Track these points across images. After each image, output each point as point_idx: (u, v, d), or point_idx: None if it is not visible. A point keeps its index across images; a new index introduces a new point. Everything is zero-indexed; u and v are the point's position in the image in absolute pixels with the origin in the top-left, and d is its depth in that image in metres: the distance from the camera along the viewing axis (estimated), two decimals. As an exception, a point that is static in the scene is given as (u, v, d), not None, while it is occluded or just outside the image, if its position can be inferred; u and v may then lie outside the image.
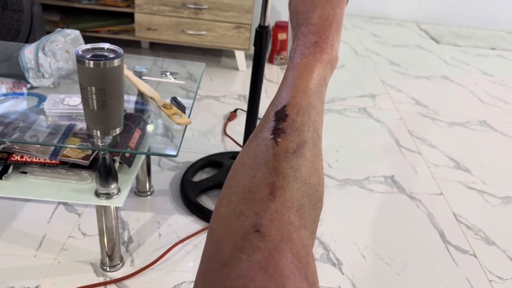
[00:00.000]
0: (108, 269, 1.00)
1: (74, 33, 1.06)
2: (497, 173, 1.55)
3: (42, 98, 0.97)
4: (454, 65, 2.58)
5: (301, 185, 0.34)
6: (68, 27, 1.94)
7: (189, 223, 1.16)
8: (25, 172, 0.91)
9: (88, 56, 0.71)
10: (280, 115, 0.37)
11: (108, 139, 0.82)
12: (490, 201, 1.40)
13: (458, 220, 1.29)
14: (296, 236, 0.31)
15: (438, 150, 1.65)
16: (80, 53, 0.71)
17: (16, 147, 0.90)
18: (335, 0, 0.45)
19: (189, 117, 0.95)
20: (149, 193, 1.25)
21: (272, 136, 0.36)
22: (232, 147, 1.52)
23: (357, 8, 3.32)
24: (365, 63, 2.47)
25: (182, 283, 0.99)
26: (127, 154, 0.95)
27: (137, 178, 1.22)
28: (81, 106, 0.86)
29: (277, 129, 0.36)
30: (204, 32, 2.02)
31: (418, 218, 1.29)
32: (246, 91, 1.84)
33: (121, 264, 1.01)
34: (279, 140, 0.35)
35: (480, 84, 2.34)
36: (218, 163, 1.39)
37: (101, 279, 0.98)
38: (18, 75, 1.01)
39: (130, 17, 2.06)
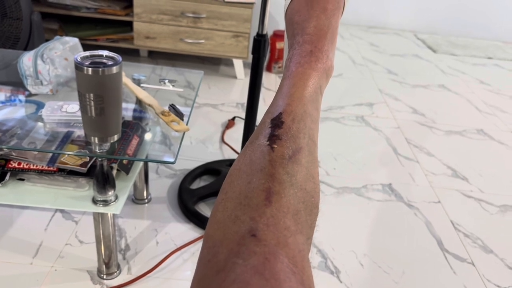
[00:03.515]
0: (105, 277, 0.99)
1: (73, 41, 1.07)
2: (494, 181, 1.56)
3: (40, 105, 0.97)
4: (451, 74, 2.60)
5: (297, 191, 0.34)
6: (67, 35, 1.95)
7: (186, 231, 1.16)
8: (23, 179, 0.91)
9: (87, 63, 0.71)
10: (276, 122, 0.37)
11: (106, 146, 0.82)
12: (487, 210, 1.40)
13: (456, 228, 1.29)
14: (292, 241, 0.31)
15: (435, 158, 1.66)
16: (78, 60, 0.72)
17: (13, 154, 0.90)
18: (330, 10, 0.45)
19: (187, 125, 0.95)
20: (146, 200, 1.25)
21: (268, 143, 0.36)
22: (230, 155, 1.52)
23: (355, 17, 3.34)
24: (362, 72, 2.48)
25: (179, 291, 0.99)
26: (124, 161, 0.95)
27: (135, 185, 1.22)
28: (79, 113, 0.86)
29: (273, 136, 0.36)
30: (202, 41, 2.03)
31: (416, 226, 1.29)
32: (244, 99, 1.85)
33: (118, 272, 1.01)
34: (275, 146, 0.36)
35: (477, 93, 2.35)
36: (216, 171, 1.39)
37: (98, 287, 0.97)
38: (16, 83, 1.02)
39: (129, 25, 2.07)
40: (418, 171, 1.56)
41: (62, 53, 1.02)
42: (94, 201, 0.88)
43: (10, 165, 0.90)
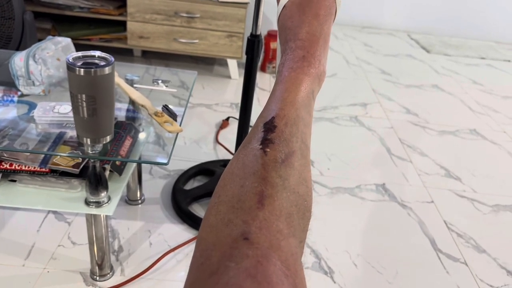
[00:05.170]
0: (98, 278, 0.98)
1: (66, 41, 1.06)
2: (487, 181, 1.57)
3: (32, 106, 0.97)
4: (444, 74, 2.61)
5: (290, 194, 0.34)
6: (60, 35, 1.94)
7: (180, 232, 1.16)
8: (14, 181, 0.91)
9: (79, 64, 0.71)
10: (269, 126, 0.38)
11: (99, 147, 0.82)
12: (480, 209, 1.41)
13: (449, 228, 1.30)
14: (285, 244, 0.31)
15: (429, 158, 1.67)
16: (70, 60, 0.71)
17: (5, 155, 0.89)
18: (322, 16, 0.46)
19: (180, 125, 0.95)
20: (140, 201, 1.24)
21: (261, 146, 0.36)
22: (224, 155, 1.52)
23: (348, 17, 3.35)
24: (356, 72, 2.48)
25: (172, 292, 0.99)
26: (117, 162, 0.95)
27: (128, 186, 1.22)
28: (71, 114, 0.86)
29: (266, 140, 0.36)
30: (196, 41, 2.03)
31: (409, 226, 1.29)
32: (238, 99, 1.85)
33: (111, 273, 1.00)
34: (268, 150, 0.36)
35: (470, 93, 2.36)
36: (210, 171, 1.38)
37: (90, 289, 0.97)
38: (8, 83, 1.01)
39: (122, 25, 2.06)
40: (412, 171, 1.57)
41: (54, 53, 1.01)
42: (87, 203, 0.88)
43: (1, 166, 0.89)
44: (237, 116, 1.29)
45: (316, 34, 0.45)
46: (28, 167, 0.89)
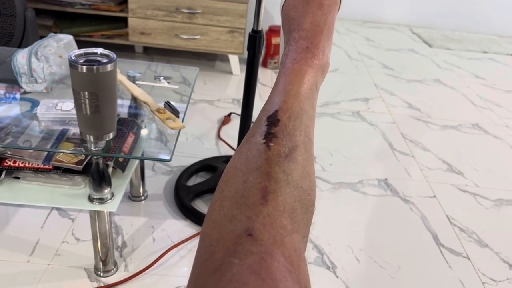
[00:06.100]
0: (102, 274, 0.99)
1: (67, 38, 1.06)
2: (489, 175, 1.56)
3: (35, 103, 0.97)
4: (446, 68, 2.60)
5: (293, 190, 0.34)
6: (61, 32, 1.94)
7: (183, 228, 1.16)
8: (18, 178, 0.91)
9: (81, 61, 0.71)
10: (272, 119, 0.37)
11: (101, 144, 0.82)
12: (483, 204, 1.41)
13: (452, 223, 1.30)
14: (288, 240, 0.31)
15: (431, 153, 1.66)
16: (73, 58, 0.71)
17: (8, 152, 0.89)
18: (326, 6, 0.45)
19: (182, 122, 0.95)
20: (143, 197, 1.25)
21: (264, 141, 0.36)
22: (226, 151, 1.52)
23: (350, 12, 3.33)
24: (358, 67, 2.48)
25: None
26: (120, 159, 0.95)
27: (131, 182, 1.22)
28: (74, 111, 0.86)
29: (269, 134, 0.36)
30: (198, 37, 2.02)
31: (412, 221, 1.29)
32: (240, 95, 1.85)
33: (115, 269, 1.01)
34: (271, 144, 0.36)
35: (472, 87, 2.36)
36: (212, 167, 1.39)
37: (94, 285, 0.97)
38: (11, 80, 1.01)
39: (123, 21, 2.06)
40: (414, 166, 1.56)
41: (56, 51, 1.02)
42: (90, 199, 0.88)
43: (5, 164, 0.89)
44: (239, 112, 1.29)
45: (320, 24, 0.44)
46: (32, 164, 0.89)
